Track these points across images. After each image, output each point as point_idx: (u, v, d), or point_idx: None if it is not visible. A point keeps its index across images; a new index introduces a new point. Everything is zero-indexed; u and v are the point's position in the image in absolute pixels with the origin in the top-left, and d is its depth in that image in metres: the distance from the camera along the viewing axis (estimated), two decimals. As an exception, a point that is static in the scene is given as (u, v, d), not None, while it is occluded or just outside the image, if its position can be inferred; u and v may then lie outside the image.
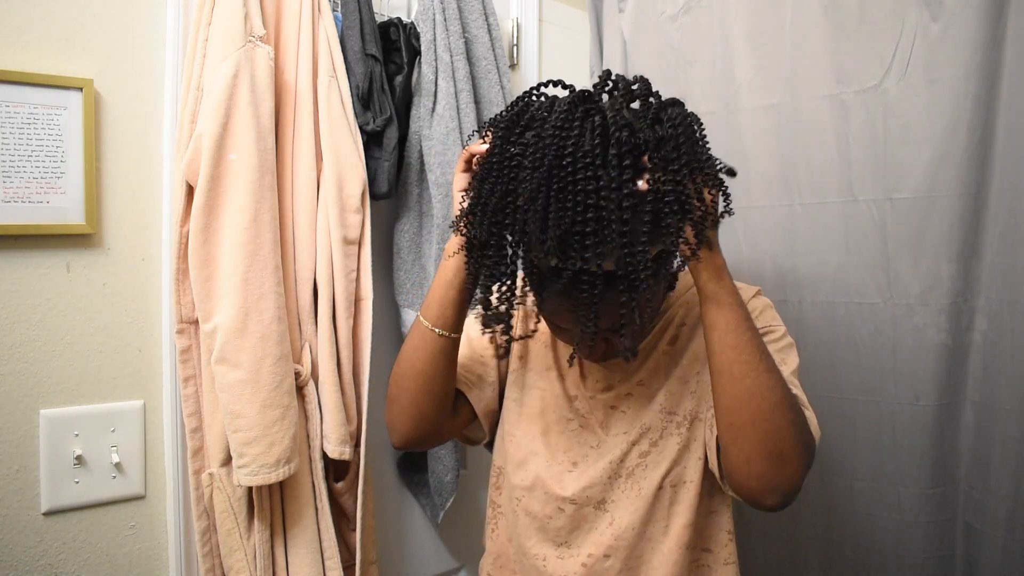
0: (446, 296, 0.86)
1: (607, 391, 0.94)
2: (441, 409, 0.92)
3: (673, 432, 0.90)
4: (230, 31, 1.01)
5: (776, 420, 0.75)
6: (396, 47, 1.27)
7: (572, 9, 1.70)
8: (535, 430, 0.96)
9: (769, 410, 0.75)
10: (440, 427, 0.94)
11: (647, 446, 0.90)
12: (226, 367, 1.00)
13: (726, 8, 1.36)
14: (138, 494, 1.11)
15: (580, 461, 0.92)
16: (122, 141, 1.09)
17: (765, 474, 0.75)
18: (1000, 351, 1.09)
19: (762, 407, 0.75)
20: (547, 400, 0.96)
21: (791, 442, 0.75)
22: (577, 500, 0.91)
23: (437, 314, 0.87)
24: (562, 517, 0.92)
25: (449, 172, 1.26)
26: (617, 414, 0.93)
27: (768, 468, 0.75)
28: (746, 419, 0.75)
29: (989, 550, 1.11)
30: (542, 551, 0.93)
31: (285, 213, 1.11)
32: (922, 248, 1.14)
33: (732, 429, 0.77)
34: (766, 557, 1.35)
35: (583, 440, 0.93)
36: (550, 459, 0.93)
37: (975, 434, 1.13)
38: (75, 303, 1.06)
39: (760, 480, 0.76)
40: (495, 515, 1.01)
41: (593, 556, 0.89)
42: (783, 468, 0.75)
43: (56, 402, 1.05)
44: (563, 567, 0.91)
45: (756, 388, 0.75)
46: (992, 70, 1.07)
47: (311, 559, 1.10)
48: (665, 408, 0.91)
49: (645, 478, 0.89)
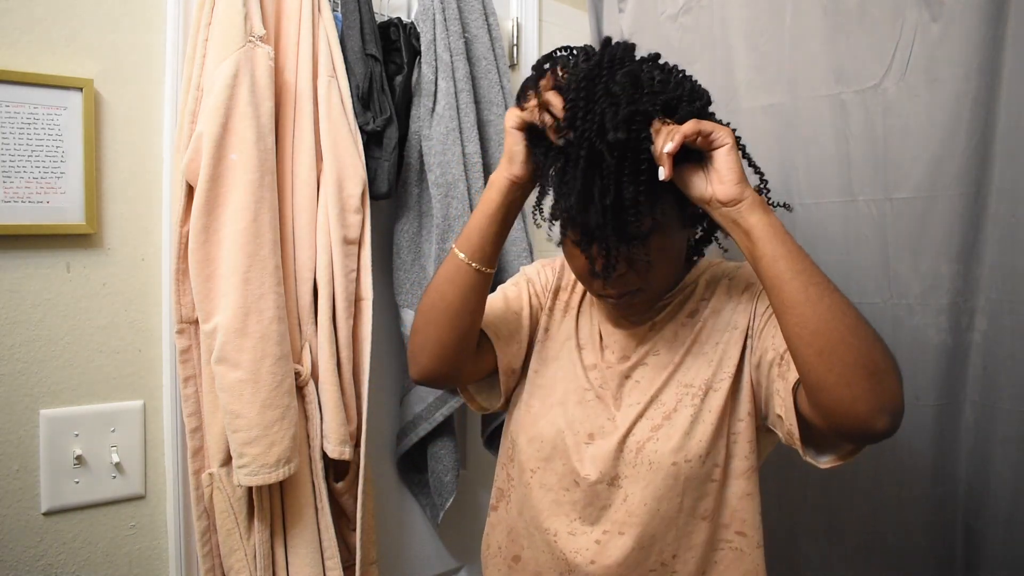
0: (487, 229, 0.88)
1: (623, 361, 0.94)
2: (464, 346, 0.92)
3: (688, 404, 0.88)
4: (230, 31, 1.01)
5: (863, 334, 0.72)
6: (396, 47, 1.27)
7: (572, 9, 1.70)
8: (552, 400, 0.95)
9: (854, 325, 0.72)
10: (460, 366, 0.94)
11: (660, 419, 0.89)
12: (226, 367, 1.00)
13: (726, 8, 1.36)
14: (138, 494, 1.11)
15: (596, 433, 0.91)
16: (122, 141, 1.09)
17: (870, 393, 0.71)
18: (1000, 351, 1.09)
19: (848, 323, 0.72)
20: (566, 371, 0.96)
21: (883, 354, 0.73)
22: (592, 475, 0.89)
23: (476, 246, 0.88)
24: (577, 491, 0.90)
25: (449, 172, 1.27)
26: (631, 383, 0.93)
27: (872, 385, 0.71)
28: (836, 339, 0.71)
29: (989, 550, 1.11)
30: (554, 526, 0.91)
31: (285, 213, 1.11)
32: (922, 248, 1.14)
33: (823, 355, 0.71)
34: (766, 557, 1.35)
35: (599, 412, 0.92)
36: (567, 430, 0.92)
37: (975, 434, 1.13)
38: (75, 303, 1.06)
39: (867, 402, 0.70)
40: (508, 488, 0.99)
41: (608, 533, 0.88)
42: (886, 383, 0.71)
43: (56, 402, 1.05)
44: (575, 543, 0.89)
45: (836, 306, 0.72)
46: (992, 70, 1.07)
47: (311, 559, 1.10)
48: (681, 381, 0.90)
49: (657, 451, 0.87)
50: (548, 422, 0.94)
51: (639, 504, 0.87)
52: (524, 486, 0.95)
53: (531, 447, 0.95)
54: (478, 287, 0.89)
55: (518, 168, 0.85)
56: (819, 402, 0.74)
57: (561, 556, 0.90)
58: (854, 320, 0.73)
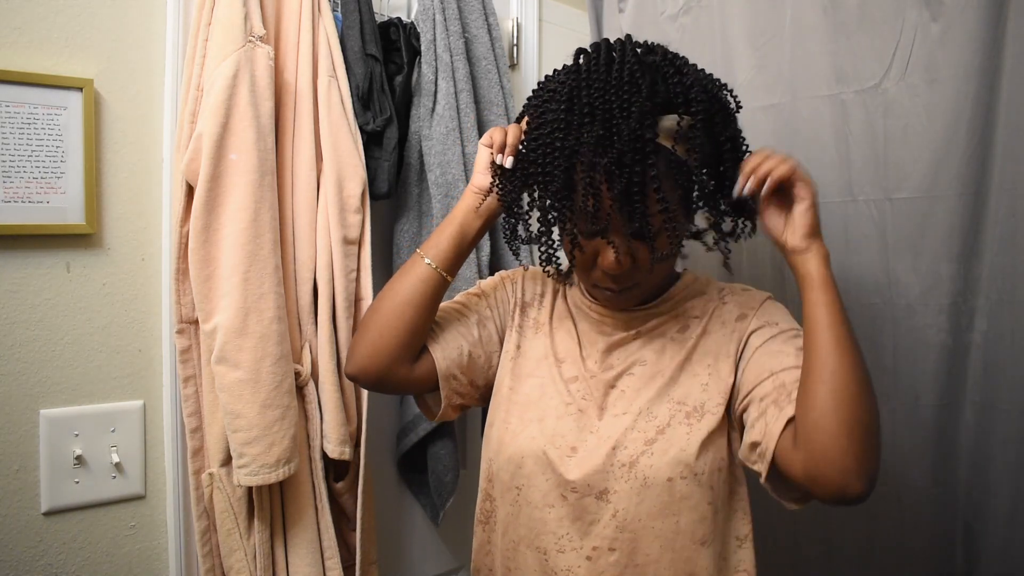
0: (448, 232, 0.94)
1: (607, 370, 0.92)
2: (405, 353, 0.93)
3: (682, 422, 0.87)
4: (230, 31, 1.01)
5: (871, 397, 0.77)
6: (396, 47, 1.27)
7: (572, 9, 1.70)
8: (530, 416, 0.93)
9: (868, 386, 0.78)
10: (396, 370, 0.94)
11: (654, 433, 0.87)
12: (226, 367, 1.00)
13: (726, 8, 1.36)
14: (138, 494, 1.11)
15: (580, 446, 0.89)
16: (122, 141, 1.09)
17: (862, 451, 0.74)
18: (1000, 351, 1.09)
19: (863, 379, 0.77)
20: (545, 387, 0.94)
21: (879, 425, 0.77)
22: (578, 488, 0.87)
23: (433, 245, 0.94)
24: (564, 506, 0.88)
25: (449, 172, 1.27)
26: (616, 393, 0.91)
27: (867, 445, 0.75)
28: (853, 389, 0.76)
29: (989, 550, 1.11)
30: (544, 544, 0.89)
31: (285, 213, 1.11)
32: (922, 248, 1.14)
33: (835, 397, 0.75)
34: (766, 558, 1.35)
35: (583, 424, 0.90)
36: (548, 445, 0.90)
37: (975, 434, 1.13)
38: (75, 303, 1.06)
39: (857, 458, 0.74)
40: (492, 508, 0.97)
41: (598, 550, 0.86)
42: (877, 449, 0.76)
43: (56, 402, 1.05)
44: (565, 561, 0.87)
45: (859, 360, 0.78)
46: (992, 70, 1.06)
47: (311, 559, 1.10)
48: (674, 398, 0.89)
49: (652, 466, 0.85)
50: (528, 438, 0.91)
51: (632, 520, 0.85)
52: (509, 505, 0.93)
53: (511, 465, 0.92)
54: (430, 285, 0.93)
55: (480, 179, 0.93)
56: (811, 442, 0.76)
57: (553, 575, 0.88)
58: (868, 382, 0.78)
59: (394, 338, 0.92)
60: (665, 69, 0.82)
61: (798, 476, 0.78)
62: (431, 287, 0.93)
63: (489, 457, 0.97)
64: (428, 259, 0.93)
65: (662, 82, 0.81)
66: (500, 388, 0.98)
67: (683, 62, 0.85)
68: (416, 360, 0.95)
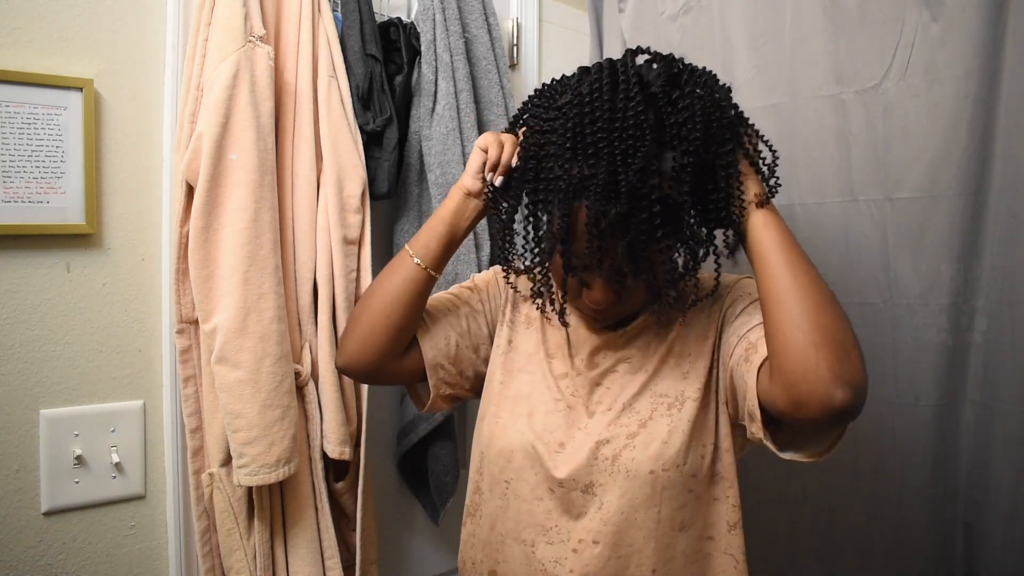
0: (438, 231, 0.94)
1: (593, 368, 0.94)
2: (394, 347, 0.95)
3: (663, 414, 0.88)
4: (230, 31, 1.01)
5: (836, 309, 0.76)
6: (396, 47, 1.27)
7: (572, 9, 1.70)
8: (521, 411, 0.94)
9: (831, 299, 0.77)
10: (385, 363, 0.96)
11: (636, 427, 0.88)
12: (226, 367, 1.00)
13: (726, 8, 1.36)
14: (138, 494, 1.11)
15: (568, 443, 0.91)
16: (122, 141, 1.09)
17: (834, 360, 0.72)
18: (1000, 351, 1.09)
19: (824, 293, 0.77)
20: (536, 382, 0.95)
21: (852, 333, 0.75)
22: (565, 483, 0.89)
23: (422, 243, 0.94)
24: (552, 499, 0.90)
25: (449, 172, 1.27)
26: (601, 390, 0.92)
27: (838, 354, 0.72)
28: (812, 302, 0.75)
29: (989, 550, 1.11)
30: (531, 536, 0.91)
31: (285, 213, 1.11)
32: (922, 248, 1.14)
33: (795, 314, 0.75)
34: (767, 558, 1.35)
35: (571, 421, 0.92)
36: (536, 440, 0.92)
37: (975, 434, 1.13)
38: (75, 303, 1.06)
39: (831, 368, 0.71)
40: (479, 501, 0.99)
41: (584, 542, 0.87)
42: (852, 356, 0.73)
43: (56, 402, 1.05)
44: (552, 553, 0.89)
45: (815, 279, 0.78)
46: (992, 70, 1.07)
47: (311, 559, 1.10)
48: (656, 391, 0.90)
49: (634, 459, 0.87)
50: (517, 432, 0.93)
51: (615, 513, 0.86)
52: (497, 498, 0.95)
53: (501, 458, 0.94)
54: (417, 283, 0.94)
55: (470, 182, 0.93)
56: (783, 366, 0.75)
57: (540, 568, 0.89)
58: (829, 295, 0.77)
59: (383, 335, 0.94)
60: (662, 104, 0.79)
61: (785, 409, 0.76)
62: (420, 285, 0.94)
63: (480, 450, 0.99)
64: (417, 259, 0.94)
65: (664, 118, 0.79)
66: (491, 382, 0.99)
67: (680, 94, 0.80)
68: (405, 351, 0.97)
